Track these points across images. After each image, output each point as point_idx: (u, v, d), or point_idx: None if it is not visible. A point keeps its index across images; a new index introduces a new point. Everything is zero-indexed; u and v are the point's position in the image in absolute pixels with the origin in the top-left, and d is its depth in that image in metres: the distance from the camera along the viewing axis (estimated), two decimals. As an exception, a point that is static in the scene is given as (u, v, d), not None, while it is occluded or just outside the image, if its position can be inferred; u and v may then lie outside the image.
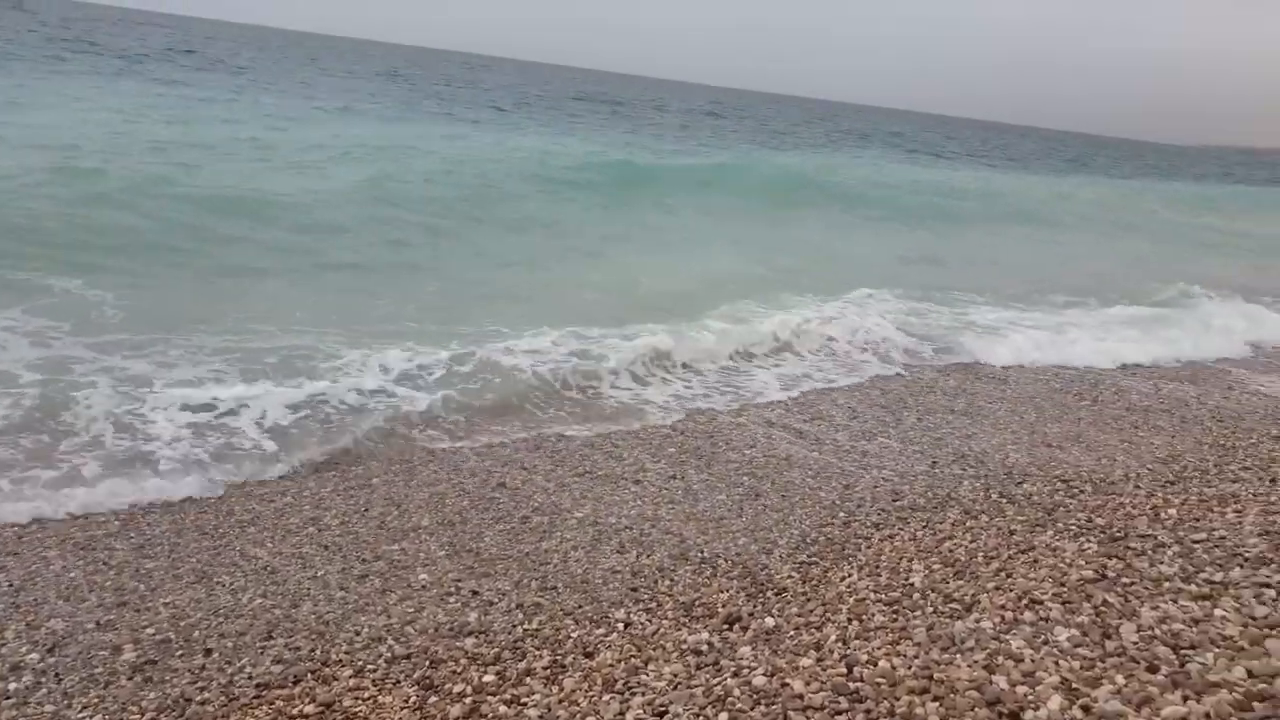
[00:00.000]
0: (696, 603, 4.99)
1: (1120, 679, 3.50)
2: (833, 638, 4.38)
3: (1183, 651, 3.68)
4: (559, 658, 4.48)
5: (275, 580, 5.10)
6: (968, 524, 6.08)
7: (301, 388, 7.65)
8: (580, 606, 4.98)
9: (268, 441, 6.82)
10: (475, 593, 5.07)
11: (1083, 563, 5.20)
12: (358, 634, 4.63)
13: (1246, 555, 5.02)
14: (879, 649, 4.20)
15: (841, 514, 6.28)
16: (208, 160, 18.53)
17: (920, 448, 7.77)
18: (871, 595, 4.92)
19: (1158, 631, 3.95)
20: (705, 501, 6.42)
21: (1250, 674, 3.17)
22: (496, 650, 4.54)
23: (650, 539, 5.81)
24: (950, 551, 5.59)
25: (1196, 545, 5.36)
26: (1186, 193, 50.11)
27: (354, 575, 5.19)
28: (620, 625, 4.79)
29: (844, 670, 3.97)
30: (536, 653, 4.53)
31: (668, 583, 5.25)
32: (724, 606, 4.91)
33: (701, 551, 5.66)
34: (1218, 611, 4.12)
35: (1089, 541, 5.64)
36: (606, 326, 10.36)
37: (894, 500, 6.55)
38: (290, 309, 10.12)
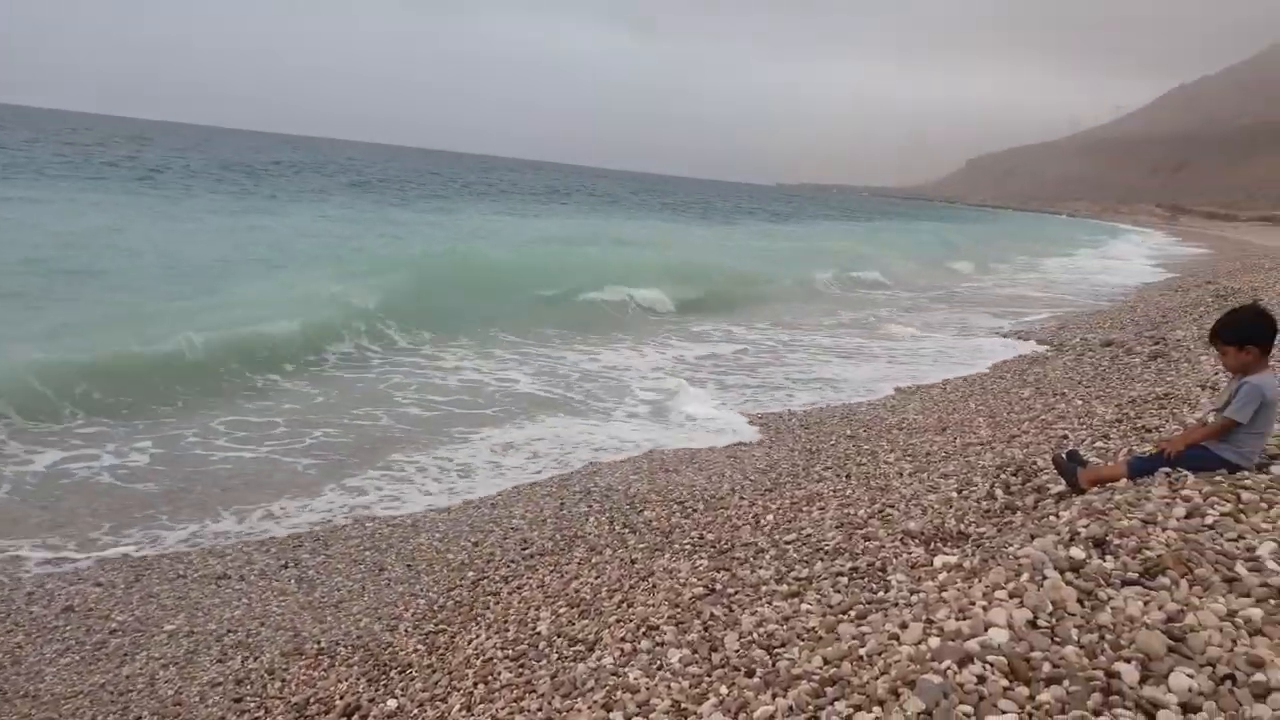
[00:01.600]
0: (312, 700, 4.62)
1: (724, 689, 3.64)
2: (456, 707, 4.23)
3: (775, 651, 3.92)
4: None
5: None
6: (593, 560, 6.19)
7: None
8: (169, 734, 4.42)
9: None
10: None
11: (694, 580, 5.45)
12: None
13: (826, 548, 5.51)
14: (503, 709, 4.11)
15: (471, 573, 6.15)
16: None
17: (549, 489, 7.84)
18: (499, 653, 4.83)
19: (756, 635, 4.18)
20: (323, 586, 6.01)
21: (825, 661, 3.42)
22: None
23: (259, 639, 5.31)
24: (576, 591, 5.64)
25: (789, 546, 5.82)
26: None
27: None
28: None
29: (465, 740, 3.83)
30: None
31: (279, 684, 4.82)
32: (342, 698, 4.59)
33: (318, 642, 5.27)
34: (804, 606, 4.45)
35: (701, 558, 5.94)
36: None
37: (523, 549, 6.53)
38: None
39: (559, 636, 4.88)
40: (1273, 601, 3.19)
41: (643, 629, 4.70)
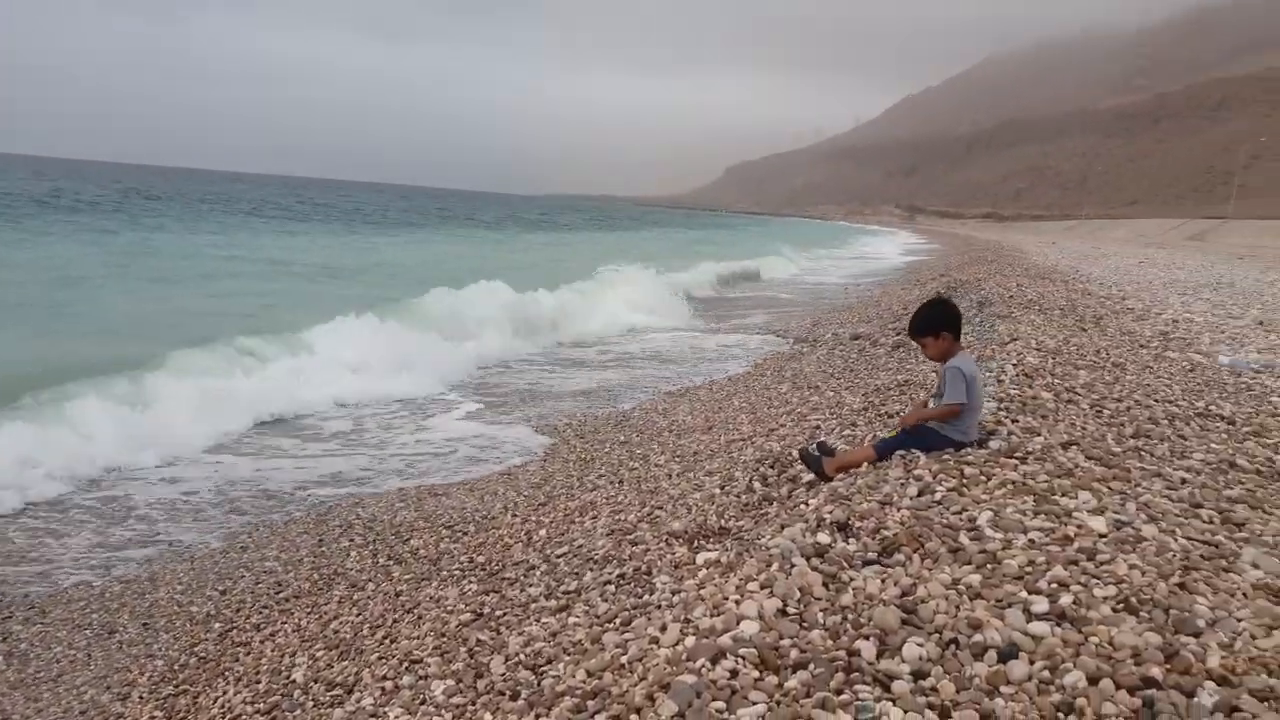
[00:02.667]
0: (27, 790, 4.11)
1: (488, 717, 3.51)
2: (198, 774, 3.87)
3: (541, 669, 3.82)
4: None
5: None
6: (354, 597, 5.88)
7: None
8: None
9: None
10: None
11: (463, 606, 5.27)
12: None
13: (596, 558, 5.48)
14: (248, 770, 3.80)
15: (218, 624, 5.69)
16: None
17: (307, 525, 7.41)
18: (248, 709, 4.47)
19: (523, 656, 4.07)
20: (39, 660, 5.36)
21: (589, 673, 3.35)
22: None
23: (-45, 735, 4.68)
24: (336, 632, 5.34)
25: (560, 559, 5.75)
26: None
27: None
28: None
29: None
30: None
31: (-14, 779, 4.27)
32: (65, 782, 4.11)
33: (32, 728, 4.70)
34: (571, 620, 4.38)
35: (470, 582, 5.76)
36: None
37: (277, 592, 6.12)
38: None
39: (315, 682, 4.58)
40: (989, 566, 3.41)
41: (405, 664, 4.49)
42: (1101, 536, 3.76)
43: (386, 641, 5.01)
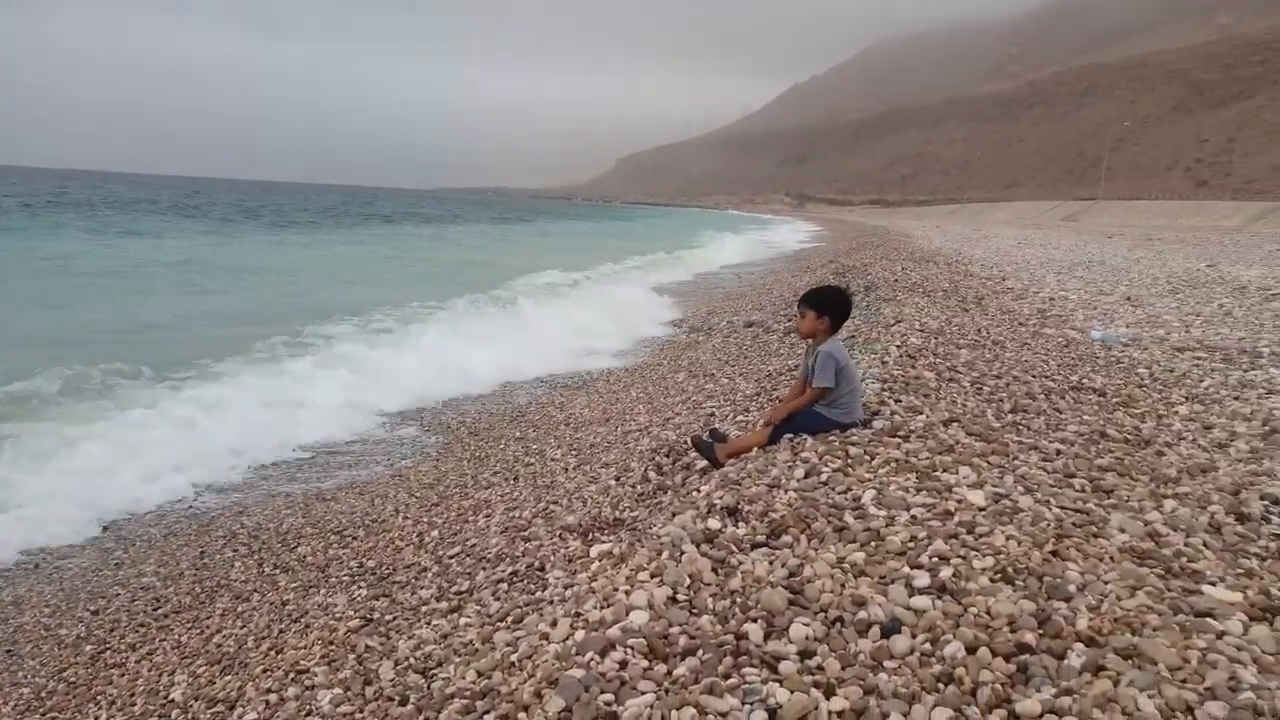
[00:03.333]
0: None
1: (375, 725, 3.42)
2: (69, 806, 3.66)
3: (431, 672, 3.73)
4: None
5: None
6: (239, 609, 5.66)
7: None
8: None
9: None
10: None
11: (352, 612, 5.13)
12: None
13: (489, 556, 5.40)
14: (125, 796, 3.61)
15: (89, 647, 5.39)
16: None
17: (188, 537, 7.10)
18: (123, 734, 4.26)
19: (413, 660, 3.97)
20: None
21: (479, 674, 3.29)
22: None
23: None
24: (219, 647, 5.13)
25: (452, 560, 5.65)
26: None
27: None
28: None
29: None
30: None
31: None
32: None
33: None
34: (463, 620, 4.30)
35: (360, 587, 5.61)
36: None
37: (155, 609, 5.84)
38: None
39: (196, 700, 4.40)
40: (874, 544, 3.47)
41: (291, 675, 4.34)
42: (980, 510, 3.87)
43: (272, 653, 4.84)
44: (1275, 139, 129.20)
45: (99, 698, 4.74)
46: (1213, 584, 3.31)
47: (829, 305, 5.24)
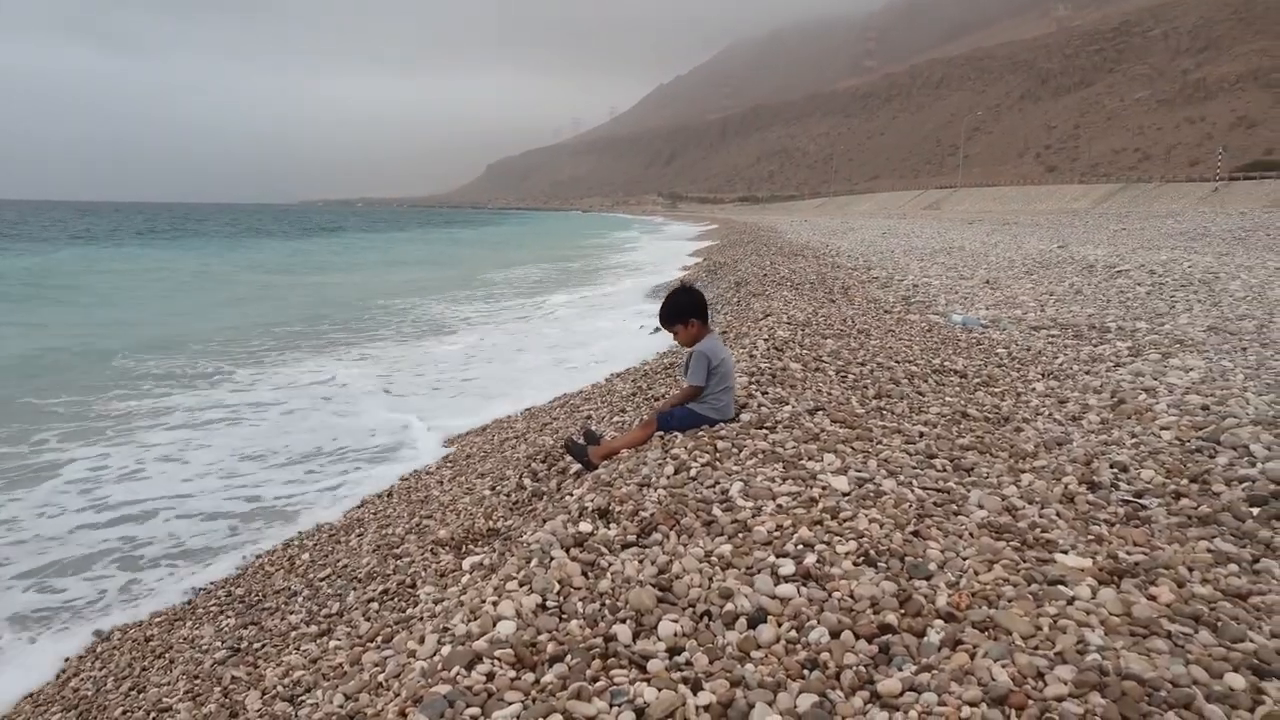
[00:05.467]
0: None
1: (241, 759, 3.27)
2: None
3: (299, 699, 3.61)
4: None
5: None
6: (98, 649, 5.37)
7: None
8: None
9: None
10: None
11: (219, 644, 4.93)
12: None
13: (360, 576, 5.26)
14: None
15: (-70, 704, 5.02)
16: None
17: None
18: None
19: (281, 687, 3.83)
20: None
21: (346, 697, 3.18)
22: None
23: None
24: (76, 690, 4.84)
25: (322, 583, 5.47)
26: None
27: None
28: None
29: None
30: None
31: None
32: None
33: None
34: (332, 643, 4.17)
35: (228, 617, 5.39)
36: None
37: (4, 658, 5.48)
38: None
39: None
40: (741, 535, 3.50)
41: (153, 714, 4.14)
42: (845, 495, 3.94)
43: (134, 693, 4.60)
44: (1115, 124, 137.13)
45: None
46: (1064, 552, 3.45)
47: (689, 310, 5.27)
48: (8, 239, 57.10)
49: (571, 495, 4.69)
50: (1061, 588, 3.09)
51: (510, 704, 2.59)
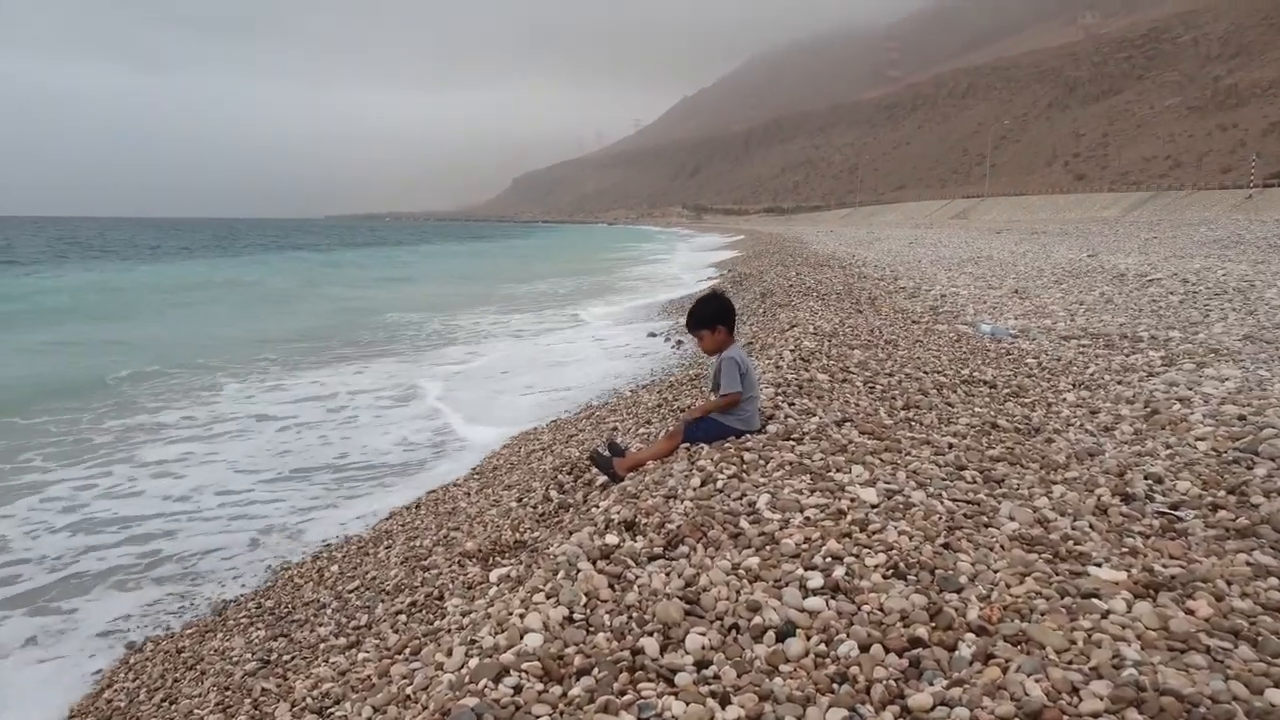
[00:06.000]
0: None
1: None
2: None
3: (328, 711, 3.61)
4: None
5: None
6: (130, 660, 5.40)
7: None
8: None
9: None
10: None
11: (249, 656, 4.95)
12: None
13: (388, 588, 5.27)
14: None
15: (-34, 715, 5.08)
16: None
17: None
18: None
19: (310, 700, 3.84)
20: None
21: (375, 709, 3.18)
22: None
23: None
24: (110, 702, 4.88)
25: (351, 594, 5.49)
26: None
27: None
28: None
29: None
30: None
31: None
32: None
33: None
34: (361, 655, 4.18)
35: (258, 629, 5.42)
36: None
37: (37, 670, 5.53)
38: None
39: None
40: (768, 548, 3.48)
41: (184, 728, 4.16)
42: (873, 507, 3.91)
43: (165, 704, 4.63)
44: (1145, 131, 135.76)
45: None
46: (1098, 565, 3.40)
47: (717, 316, 5.26)
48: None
49: (598, 507, 4.69)
50: (1095, 601, 3.04)
51: (538, 717, 2.58)
